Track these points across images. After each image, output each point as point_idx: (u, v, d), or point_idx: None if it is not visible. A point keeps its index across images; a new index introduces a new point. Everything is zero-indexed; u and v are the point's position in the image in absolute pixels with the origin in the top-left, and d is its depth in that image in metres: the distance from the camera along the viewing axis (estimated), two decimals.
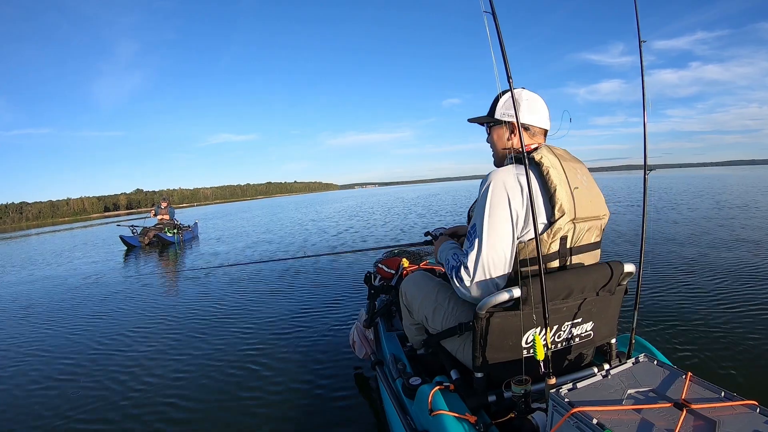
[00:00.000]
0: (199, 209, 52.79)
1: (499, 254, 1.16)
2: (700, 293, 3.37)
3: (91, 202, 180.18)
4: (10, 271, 9.06)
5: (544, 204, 1.18)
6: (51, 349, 3.44)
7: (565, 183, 1.19)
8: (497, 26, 1.00)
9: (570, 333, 1.24)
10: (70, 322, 4.23)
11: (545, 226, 1.18)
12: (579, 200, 1.20)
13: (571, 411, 0.87)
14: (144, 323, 3.97)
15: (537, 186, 1.19)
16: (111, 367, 2.93)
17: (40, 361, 3.18)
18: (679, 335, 2.63)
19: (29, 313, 4.81)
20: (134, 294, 5.35)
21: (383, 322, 2.16)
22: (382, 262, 2.49)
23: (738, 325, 2.69)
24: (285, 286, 5.04)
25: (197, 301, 4.69)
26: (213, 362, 2.91)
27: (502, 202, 1.17)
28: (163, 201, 11.85)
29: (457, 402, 1.22)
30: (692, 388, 0.94)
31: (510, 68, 1.03)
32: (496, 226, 1.16)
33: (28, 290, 6.32)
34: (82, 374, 2.86)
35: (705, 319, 2.83)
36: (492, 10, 1.01)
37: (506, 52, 1.01)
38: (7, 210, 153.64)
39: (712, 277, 3.80)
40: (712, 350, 2.41)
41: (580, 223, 1.20)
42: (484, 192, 1.21)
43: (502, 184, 1.18)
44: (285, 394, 2.38)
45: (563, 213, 1.16)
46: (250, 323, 3.68)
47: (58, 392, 2.62)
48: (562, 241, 1.19)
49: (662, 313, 3.00)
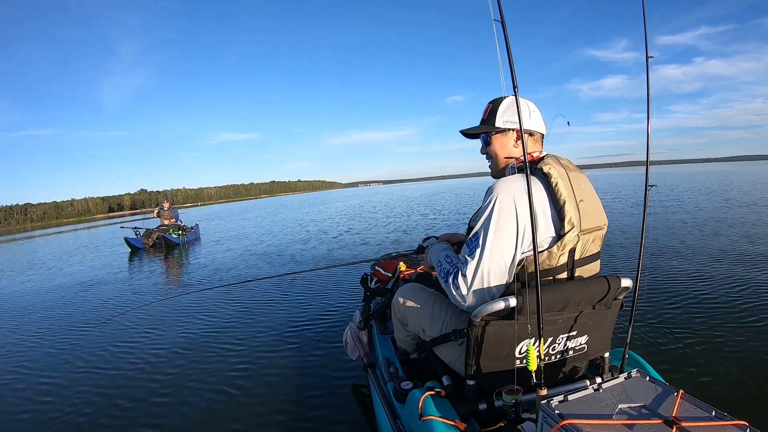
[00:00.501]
0: (203, 209, 52.45)
1: (500, 266, 1.15)
2: (696, 309, 3.37)
3: (96, 203, 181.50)
4: (9, 275, 8.89)
5: (552, 217, 1.17)
6: (33, 366, 3.22)
7: (572, 195, 1.18)
8: (505, 34, 1.00)
9: (564, 345, 1.24)
10: (58, 335, 3.96)
11: (554, 240, 1.17)
12: (584, 212, 1.20)
13: (561, 423, 0.87)
14: (134, 337, 3.69)
15: (545, 198, 1.18)
16: (93, 388, 2.69)
17: (18, 380, 2.97)
18: (672, 352, 2.63)
19: (18, 324, 4.54)
20: (131, 302, 5.19)
21: (377, 324, 2.15)
22: (380, 264, 2.49)
23: (732, 345, 2.68)
24: (279, 285, 5.04)
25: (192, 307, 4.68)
26: (205, 364, 2.90)
27: (510, 214, 1.15)
28: (165, 201, 11.84)
29: (447, 408, 1.22)
30: (683, 406, 0.94)
31: (516, 75, 1.03)
32: (500, 238, 1.14)
33: (21, 298, 6.07)
34: (57, 395, 2.64)
35: (699, 336, 2.82)
36: (501, 19, 1.01)
37: (513, 59, 1.02)
38: (12, 211, 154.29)
39: (709, 293, 3.80)
40: (704, 368, 2.40)
41: (585, 234, 1.20)
42: (490, 202, 1.18)
43: (510, 195, 1.16)
44: (274, 394, 2.38)
45: (572, 226, 1.16)
46: (241, 324, 3.67)
47: (30, 415, 2.42)
48: (570, 254, 1.19)
49: (656, 328, 3.00)
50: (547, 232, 1.18)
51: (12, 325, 4.56)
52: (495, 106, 1.38)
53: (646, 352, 2.60)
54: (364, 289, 2.35)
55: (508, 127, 1.34)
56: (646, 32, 1.33)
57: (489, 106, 1.40)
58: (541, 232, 1.17)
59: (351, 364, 2.52)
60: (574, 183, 1.22)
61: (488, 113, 1.39)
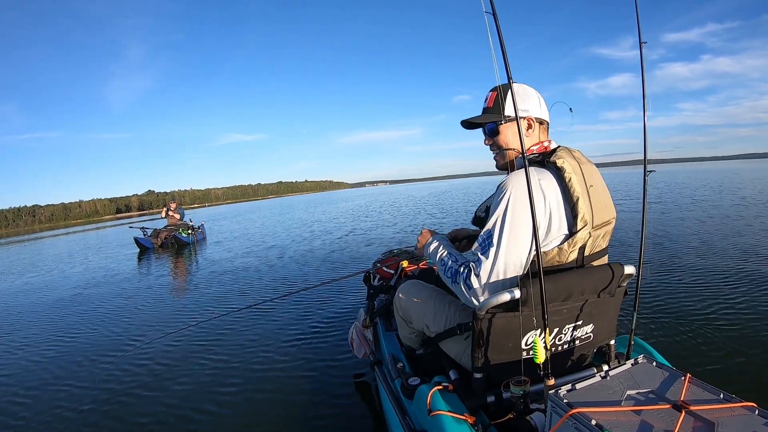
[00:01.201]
0: (210, 209, 52.48)
1: (516, 264, 1.12)
2: (701, 294, 3.37)
3: (103, 204, 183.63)
4: (8, 278, 8.94)
5: (565, 212, 1.14)
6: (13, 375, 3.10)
7: (585, 191, 1.15)
8: (498, 26, 1.00)
9: (570, 335, 1.24)
10: (60, 340, 3.90)
11: (566, 236, 1.15)
12: (596, 207, 1.17)
13: (570, 412, 0.87)
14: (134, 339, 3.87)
15: (558, 193, 1.14)
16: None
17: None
18: (679, 336, 2.63)
19: (11, 330, 4.46)
20: (141, 304, 5.27)
21: (382, 321, 2.16)
22: (382, 262, 2.49)
23: (738, 327, 2.69)
24: (284, 285, 5.04)
25: (198, 305, 4.70)
26: (212, 363, 2.91)
27: (524, 210, 1.10)
28: (171, 202, 11.97)
29: (455, 402, 1.22)
30: (691, 390, 0.94)
31: (510, 67, 1.03)
32: (516, 235, 1.11)
33: (18, 303, 6.02)
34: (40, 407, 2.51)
35: (704, 321, 2.83)
36: (493, 11, 1.01)
37: (506, 51, 1.01)
38: (20, 213, 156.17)
39: (712, 278, 3.80)
40: (711, 351, 2.41)
41: (596, 230, 1.18)
42: (503, 199, 1.13)
43: (524, 191, 1.09)
44: (282, 393, 2.38)
45: (585, 223, 1.14)
46: (248, 323, 3.68)
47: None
48: (580, 251, 1.17)
49: (662, 314, 3.00)
50: (561, 229, 1.15)
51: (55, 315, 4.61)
52: (501, 94, 1.30)
53: (651, 337, 2.61)
54: (367, 287, 2.35)
55: (521, 115, 1.24)
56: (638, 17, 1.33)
57: (493, 94, 1.33)
58: (555, 229, 1.14)
59: (357, 362, 2.52)
60: (587, 177, 1.18)
61: (493, 101, 1.32)
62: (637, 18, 1.32)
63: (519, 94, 1.28)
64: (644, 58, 1.34)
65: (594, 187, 1.19)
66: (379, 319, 2.20)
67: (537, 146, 1.30)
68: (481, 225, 1.25)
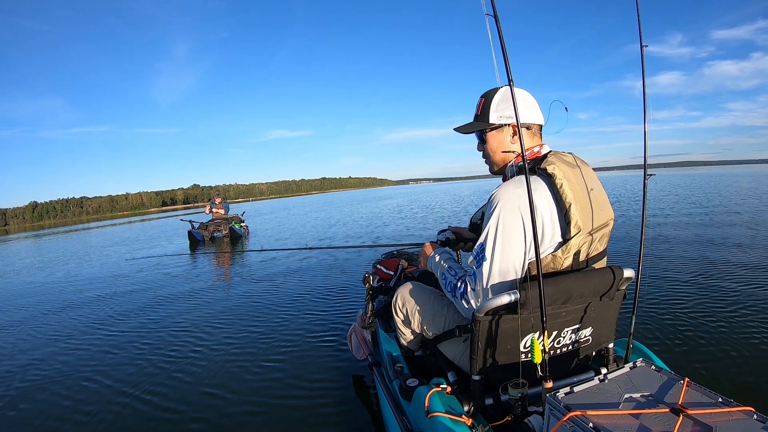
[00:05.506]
0: (254, 204, 52.12)
1: (509, 275, 1.13)
2: (699, 298, 3.37)
3: (149, 197, 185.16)
4: (43, 269, 8.93)
5: (558, 220, 1.14)
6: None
7: (578, 196, 1.14)
8: (499, 28, 1.01)
9: (568, 338, 1.24)
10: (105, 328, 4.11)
11: (560, 244, 1.15)
12: (594, 210, 1.17)
13: (568, 415, 0.87)
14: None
15: (551, 201, 1.14)
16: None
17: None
18: (677, 340, 2.63)
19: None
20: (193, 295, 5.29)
21: (381, 323, 2.15)
22: (381, 263, 2.48)
23: (736, 331, 2.68)
24: (285, 284, 5.04)
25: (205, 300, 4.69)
26: (208, 361, 2.90)
27: (516, 223, 1.10)
28: (216, 197, 11.85)
29: (454, 404, 1.22)
30: (689, 394, 0.94)
31: (510, 68, 1.03)
32: (507, 248, 1.11)
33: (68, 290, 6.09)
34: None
35: (703, 325, 2.82)
36: (494, 13, 1.01)
37: (507, 52, 1.02)
38: (68, 204, 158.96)
39: (712, 282, 3.79)
40: (709, 356, 2.40)
41: (594, 233, 1.18)
42: (493, 212, 1.13)
43: (515, 203, 1.10)
44: (280, 392, 2.38)
45: (579, 230, 1.13)
46: (244, 323, 3.67)
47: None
48: (575, 257, 1.17)
49: (661, 317, 3.00)
50: (554, 237, 1.15)
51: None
52: (488, 100, 1.29)
53: (650, 341, 2.60)
54: (366, 288, 2.35)
55: (503, 122, 1.26)
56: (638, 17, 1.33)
57: (481, 101, 1.31)
58: (548, 237, 1.14)
59: (356, 363, 2.52)
60: (579, 180, 1.17)
61: (481, 108, 1.31)
62: (637, 18, 1.32)
63: (504, 99, 1.27)
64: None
65: (589, 190, 1.19)
66: (378, 320, 2.19)
67: (527, 152, 1.28)
68: (477, 232, 1.25)
